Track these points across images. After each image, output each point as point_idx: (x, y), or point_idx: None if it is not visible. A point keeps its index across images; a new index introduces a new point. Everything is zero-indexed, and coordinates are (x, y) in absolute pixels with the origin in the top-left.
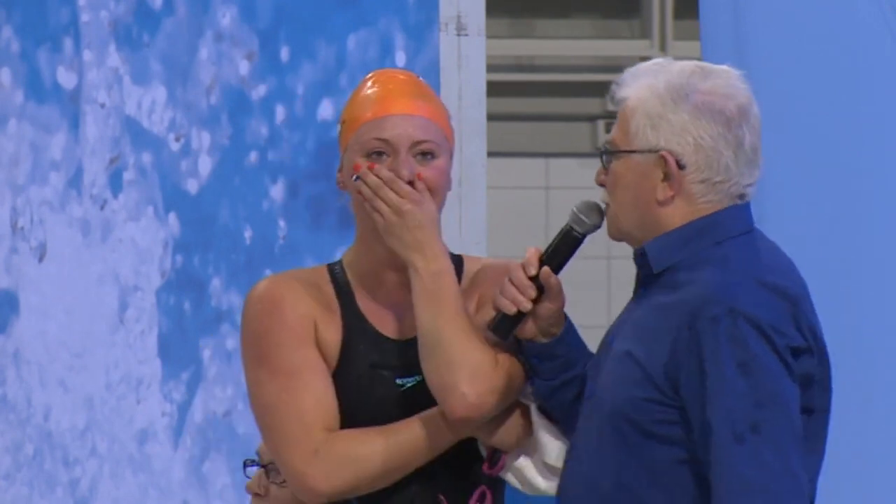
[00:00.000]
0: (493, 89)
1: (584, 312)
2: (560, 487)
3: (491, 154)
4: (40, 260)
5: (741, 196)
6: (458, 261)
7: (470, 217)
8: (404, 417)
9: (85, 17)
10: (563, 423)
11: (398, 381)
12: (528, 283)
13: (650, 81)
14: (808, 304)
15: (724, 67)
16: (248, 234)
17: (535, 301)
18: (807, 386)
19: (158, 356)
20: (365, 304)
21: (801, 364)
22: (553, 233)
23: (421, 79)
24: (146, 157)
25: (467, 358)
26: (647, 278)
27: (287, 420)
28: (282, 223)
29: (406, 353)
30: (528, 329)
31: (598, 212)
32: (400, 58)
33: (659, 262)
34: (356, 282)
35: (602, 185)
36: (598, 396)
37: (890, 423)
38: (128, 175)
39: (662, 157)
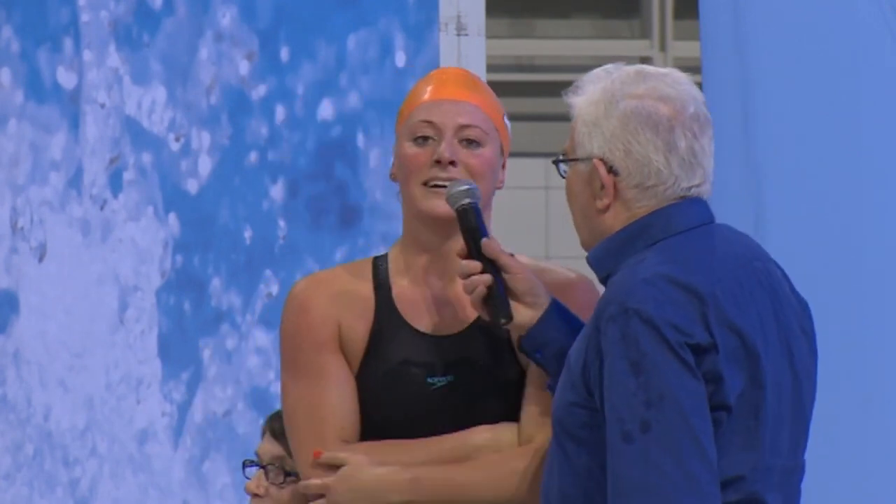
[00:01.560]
0: (493, 89)
1: None
2: None
3: None
4: (40, 260)
5: (682, 198)
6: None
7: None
8: (432, 417)
9: (85, 17)
10: None
11: (429, 380)
12: (469, 261)
13: (590, 89)
14: (733, 301)
15: (667, 70)
16: (248, 234)
17: (498, 278)
18: (716, 384)
19: (158, 356)
20: (402, 298)
21: (706, 362)
22: (553, 232)
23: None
24: (146, 157)
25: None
26: (602, 284)
27: (303, 427)
28: (282, 223)
29: (440, 350)
30: (520, 311)
31: (461, 183)
32: (400, 58)
33: (600, 269)
34: (397, 275)
35: None
36: None
37: (890, 423)
38: (128, 175)
39: (594, 165)
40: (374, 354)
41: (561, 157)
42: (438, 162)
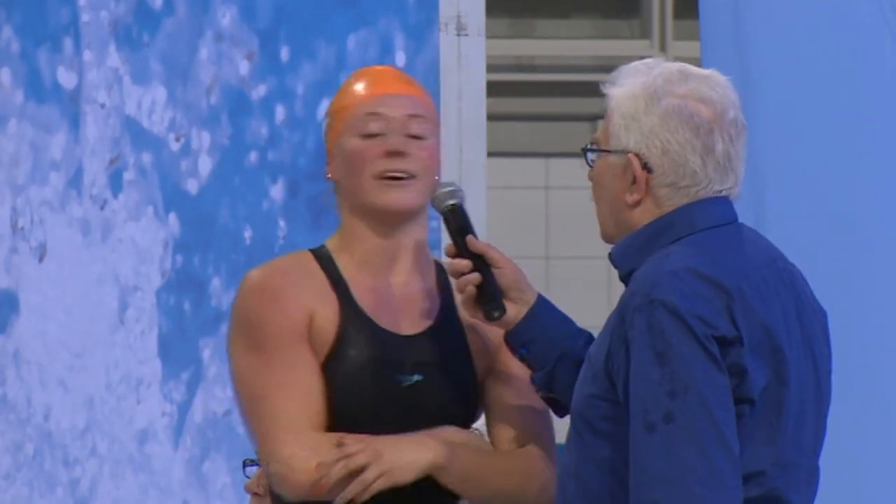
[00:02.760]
0: (493, 89)
1: (584, 312)
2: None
3: (491, 154)
4: (40, 260)
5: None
6: (440, 267)
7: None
8: (401, 415)
9: (85, 17)
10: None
11: (397, 378)
12: (459, 259)
13: (632, 81)
14: (759, 297)
15: (710, 71)
16: (248, 234)
17: (487, 275)
18: (740, 377)
19: (158, 356)
20: (362, 295)
21: (731, 355)
22: (553, 232)
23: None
24: (146, 157)
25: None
26: (622, 281)
27: (278, 415)
28: (282, 223)
29: (406, 349)
30: (509, 306)
31: (446, 184)
32: (400, 58)
33: (623, 265)
34: (350, 271)
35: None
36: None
37: (890, 423)
38: (128, 175)
39: (629, 160)
40: (342, 350)
41: (592, 147)
42: (392, 153)
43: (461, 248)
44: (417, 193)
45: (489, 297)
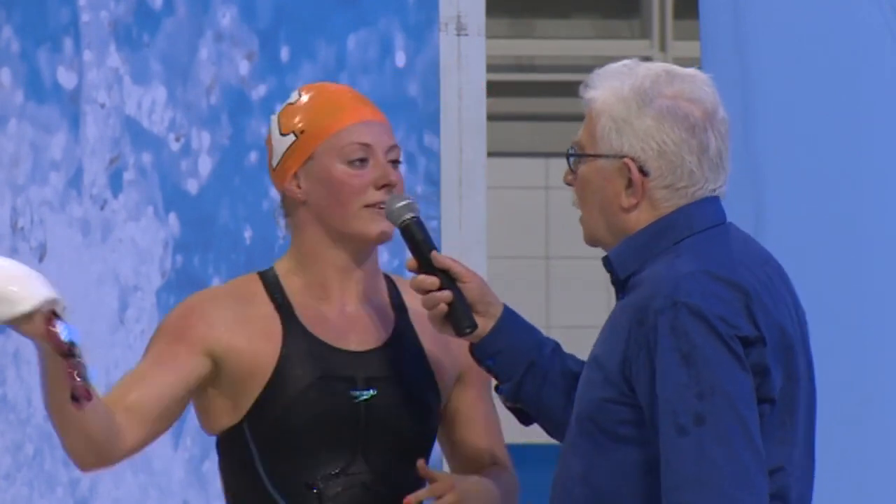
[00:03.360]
0: (493, 89)
1: (584, 312)
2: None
3: (491, 154)
4: (40, 260)
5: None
6: (390, 281)
7: (470, 217)
8: (359, 430)
9: (85, 17)
10: (541, 421)
11: (353, 393)
12: (426, 276)
13: (616, 84)
14: (770, 295)
15: (692, 71)
16: (248, 234)
17: (454, 289)
18: (763, 376)
19: None
20: (309, 315)
21: (754, 354)
22: (553, 232)
23: None
24: (146, 157)
25: None
26: (618, 284)
27: (112, 388)
28: (282, 223)
29: (359, 364)
30: (477, 319)
31: (400, 198)
32: (400, 58)
33: (623, 268)
34: (297, 293)
35: (570, 184)
36: (575, 404)
37: (890, 424)
38: (128, 175)
39: (625, 164)
40: (287, 371)
41: (578, 153)
42: (385, 185)
43: (424, 264)
44: None
45: (459, 313)
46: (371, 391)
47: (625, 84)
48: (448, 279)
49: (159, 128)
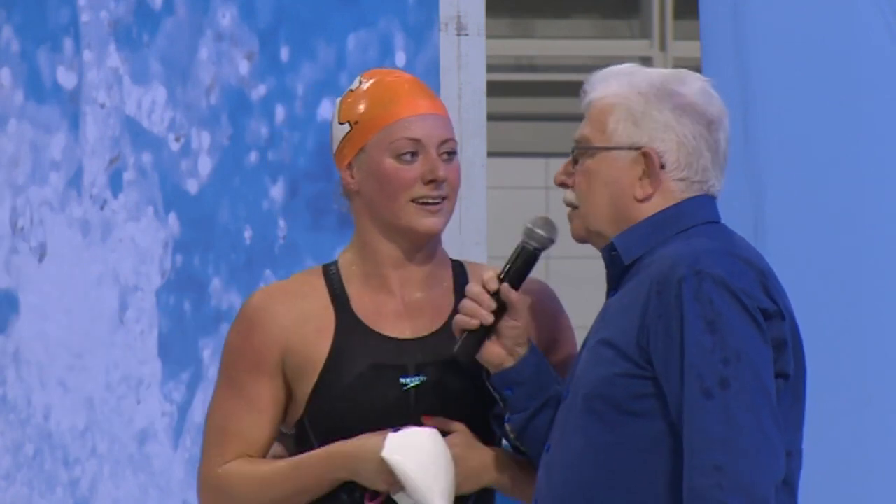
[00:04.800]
0: (493, 89)
1: (584, 311)
2: (536, 490)
3: (491, 154)
4: (40, 260)
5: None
6: (459, 267)
7: (470, 217)
8: (408, 416)
9: (85, 17)
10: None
11: (402, 381)
12: (488, 297)
13: (629, 80)
14: (777, 280)
15: (698, 76)
16: (248, 234)
17: (497, 319)
18: (780, 350)
19: (158, 356)
20: (363, 305)
21: (773, 327)
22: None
23: None
24: (146, 157)
25: None
26: (618, 274)
27: (211, 437)
28: (282, 223)
29: (408, 352)
30: (496, 353)
31: (553, 226)
32: (400, 58)
33: (629, 253)
34: (354, 283)
35: (564, 185)
36: (573, 391)
37: (890, 424)
38: (128, 175)
39: (645, 154)
40: (340, 364)
41: (589, 145)
42: (433, 181)
43: (504, 281)
44: (447, 215)
45: (472, 338)
46: (420, 377)
47: (639, 80)
48: (500, 309)
49: (159, 128)
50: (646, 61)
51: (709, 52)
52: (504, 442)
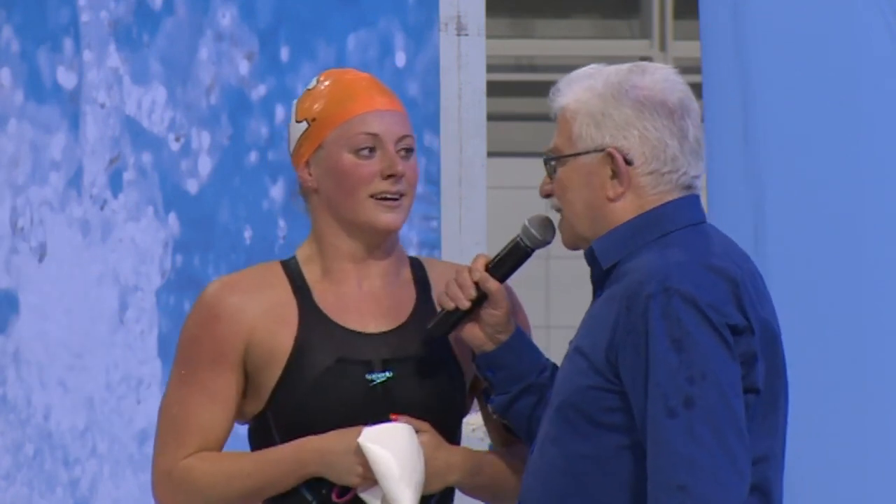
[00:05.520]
0: (493, 89)
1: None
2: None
3: (491, 154)
4: (40, 260)
5: (688, 187)
6: (417, 263)
7: (470, 217)
8: (375, 413)
9: (85, 17)
10: (525, 436)
11: (368, 377)
12: (471, 284)
13: (587, 84)
14: (755, 288)
15: (660, 65)
16: (248, 234)
17: (478, 305)
18: (749, 366)
19: (158, 356)
20: (326, 299)
21: (742, 343)
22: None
23: None
24: (146, 157)
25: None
26: (600, 277)
27: (169, 430)
28: (282, 223)
29: (375, 347)
30: (476, 335)
31: (551, 228)
32: (400, 58)
33: (606, 258)
34: (316, 278)
35: (548, 195)
36: (552, 397)
37: (890, 424)
38: (128, 175)
39: (609, 154)
40: (304, 355)
41: (558, 154)
42: (391, 176)
43: (492, 274)
44: (405, 211)
45: (445, 324)
46: (387, 374)
47: (596, 82)
48: (481, 299)
49: (159, 128)
50: (646, 61)
51: (709, 52)
52: (466, 439)
